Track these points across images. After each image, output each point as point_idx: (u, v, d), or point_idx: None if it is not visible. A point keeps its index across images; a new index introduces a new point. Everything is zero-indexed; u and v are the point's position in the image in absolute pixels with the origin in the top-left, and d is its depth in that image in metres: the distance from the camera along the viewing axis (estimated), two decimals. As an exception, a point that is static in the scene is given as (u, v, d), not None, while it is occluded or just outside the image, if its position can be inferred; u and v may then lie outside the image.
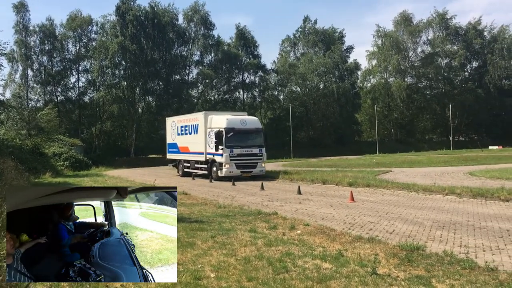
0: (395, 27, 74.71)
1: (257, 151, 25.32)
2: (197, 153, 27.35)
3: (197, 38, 64.76)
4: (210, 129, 25.81)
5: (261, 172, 25.38)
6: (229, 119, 25.34)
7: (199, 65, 66.16)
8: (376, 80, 75.68)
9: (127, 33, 55.80)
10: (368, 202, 14.36)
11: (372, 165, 32.56)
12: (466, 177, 21.88)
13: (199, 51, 66.00)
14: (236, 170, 24.53)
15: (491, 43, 75.57)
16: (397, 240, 8.62)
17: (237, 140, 24.68)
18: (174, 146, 31.45)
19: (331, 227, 10.04)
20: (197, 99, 66.74)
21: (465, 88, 76.01)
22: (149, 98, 63.09)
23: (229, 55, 65.26)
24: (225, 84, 67.87)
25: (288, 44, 77.23)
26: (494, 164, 29.86)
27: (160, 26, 58.66)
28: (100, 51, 56.12)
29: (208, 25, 64.60)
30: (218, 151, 24.65)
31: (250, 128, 25.53)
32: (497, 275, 6.16)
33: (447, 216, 11.28)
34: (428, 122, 78.14)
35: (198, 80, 66.56)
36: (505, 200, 13.68)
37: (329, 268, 6.71)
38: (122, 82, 59.62)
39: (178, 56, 63.23)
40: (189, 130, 28.91)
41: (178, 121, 31.38)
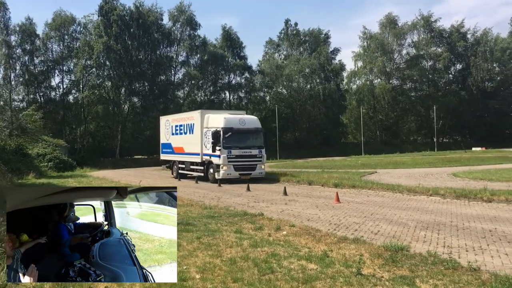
0: (381, 29, 75.41)
1: (256, 152, 23.97)
2: (193, 154, 26.06)
3: (183, 38, 64.61)
4: (206, 129, 24.50)
5: (261, 175, 24.11)
6: (227, 118, 23.94)
7: (185, 66, 65.98)
8: (361, 81, 76.21)
9: (111, 33, 55.41)
10: (354, 203, 14.45)
11: (357, 166, 32.75)
12: (449, 178, 22.14)
13: (185, 52, 65.84)
14: (234, 172, 23.26)
15: (475, 45, 76.64)
16: (381, 240, 8.68)
17: (236, 141, 23.38)
18: (168, 147, 30.23)
19: (316, 228, 10.08)
20: (183, 100, 66.50)
21: (449, 90, 76.96)
22: (135, 98, 62.70)
23: (215, 56, 65.19)
24: (211, 85, 67.77)
25: (271, 46, 77.44)
26: (477, 165, 30.26)
27: (145, 26, 58.37)
28: (84, 50, 55.62)
29: (194, 26, 64.51)
30: (215, 152, 23.33)
31: (249, 128, 24.16)
32: (480, 275, 6.24)
33: (431, 217, 11.39)
34: (413, 123, 78.89)
35: (184, 81, 66.40)
36: (488, 201, 13.87)
37: (314, 268, 6.73)
38: (106, 82, 59.17)
39: (164, 56, 62.95)
40: (184, 130, 27.61)
41: (172, 120, 30.04)
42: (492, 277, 6.09)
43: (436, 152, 58.32)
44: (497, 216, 11.34)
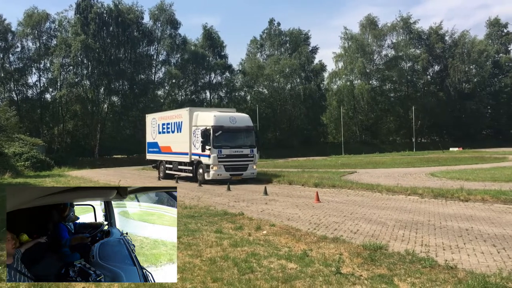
0: (361, 30, 76.02)
1: (248, 151, 22.97)
2: (181, 154, 24.95)
3: (164, 37, 64.19)
4: (195, 127, 23.38)
5: (253, 175, 23.16)
6: (217, 116, 22.83)
7: (166, 65, 65.56)
8: (342, 82, 76.77)
9: (89, 31, 54.68)
10: (333, 203, 14.53)
11: (337, 166, 32.99)
12: (427, 177, 22.44)
13: (165, 51, 65.40)
14: (225, 173, 22.20)
15: (452, 47, 77.91)
16: (361, 239, 8.76)
17: (226, 140, 22.38)
18: (154, 146, 28.97)
19: (296, 228, 10.11)
20: (163, 99, 66.07)
21: (427, 91, 78.05)
22: (114, 97, 62.05)
23: (196, 55, 64.97)
24: (192, 84, 67.50)
25: (255, 45, 77.47)
26: (454, 165, 30.73)
27: (125, 25, 57.78)
28: (61, 48, 54.76)
29: (175, 25, 64.18)
30: (205, 151, 22.25)
31: (240, 126, 23.09)
32: (456, 273, 6.34)
33: (409, 216, 11.53)
34: (392, 124, 79.76)
35: (165, 80, 65.98)
36: (465, 200, 14.09)
37: (294, 268, 6.76)
38: (85, 81, 58.37)
39: (144, 55, 62.44)
40: (172, 128, 26.41)
41: (159, 118, 28.76)
42: (468, 275, 6.19)
43: (414, 152, 59.10)
44: (473, 215, 11.54)
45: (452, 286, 5.85)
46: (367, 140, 74.38)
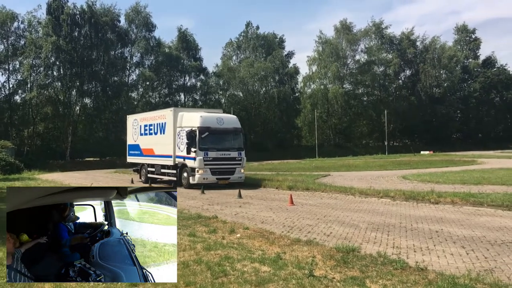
0: (335, 34, 76.80)
1: (235, 154, 21.96)
2: (164, 156, 23.80)
3: (138, 39, 63.55)
4: (180, 129, 22.36)
5: (240, 179, 22.03)
6: (203, 116, 21.88)
7: (140, 67, 64.90)
8: (316, 86, 77.36)
9: (61, 32, 53.69)
10: (307, 205, 14.62)
11: (311, 169, 33.20)
12: (399, 180, 22.77)
13: (139, 53, 64.74)
14: (211, 177, 21.19)
15: (423, 52, 79.46)
16: (334, 242, 8.82)
17: (213, 142, 21.43)
18: (135, 148, 27.65)
19: (270, 230, 10.13)
20: (137, 102, 65.40)
21: (399, 95, 79.36)
22: (86, 99, 60.98)
23: (170, 57, 64.56)
24: (166, 86, 67.04)
25: (231, 48, 77.45)
26: (425, 168, 31.25)
27: (99, 26, 56.93)
28: (30, 49, 53.55)
29: (150, 27, 63.61)
30: (190, 154, 21.16)
31: (227, 128, 22.10)
32: (427, 275, 6.45)
33: (381, 218, 11.68)
34: (365, 127, 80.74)
35: (139, 82, 65.29)
36: (435, 202, 14.36)
37: (268, 271, 6.76)
38: (56, 82, 57.22)
39: (118, 57, 61.67)
40: (155, 130, 25.25)
41: (141, 119, 27.48)
42: (438, 277, 6.31)
43: (387, 155, 59.93)
44: (443, 217, 11.76)
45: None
46: (340, 143, 75.10)
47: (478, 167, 30.67)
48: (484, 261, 7.36)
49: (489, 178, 21.08)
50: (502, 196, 14.29)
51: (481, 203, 13.50)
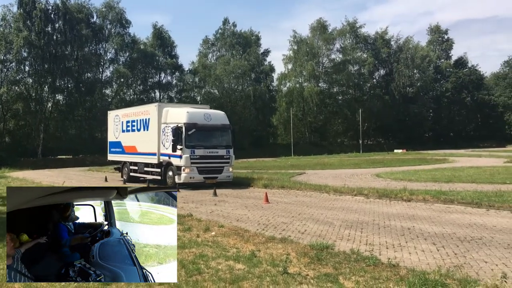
0: (311, 33, 77.21)
1: (223, 152, 21.10)
2: (148, 154, 22.68)
3: (112, 35, 62.69)
4: (165, 125, 21.34)
5: (228, 179, 21.18)
6: (190, 112, 20.85)
7: (114, 64, 64.05)
8: (291, 84, 77.70)
9: (33, 28, 52.58)
10: (282, 203, 14.68)
11: (287, 167, 33.36)
12: (373, 178, 23.08)
13: (113, 49, 63.89)
14: (198, 176, 20.18)
15: (397, 52, 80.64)
16: (308, 239, 8.89)
17: (200, 139, 20.41)
18: (117, 145, 26.46)
19: (245, 228, 10.15)
20: (111, 99, 64.56)
21: (374, 94, 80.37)
22: (59, 96, 59.90)
23: (145, 54, 63.91)
24: (141, 83, 66.37)
25: (207, 45, 77.09)
26: (398, 166, 31.75)
27: (72, 22, 55.95)
28: (1, 44, 52.23)
29: (124, 23, 62.82)
30: (176, 152, 20.13)
31: (215, 124, 21.22)
32: (398, 271, 6.56)
33: (355, 216, 11.82)
34: (340, 126, 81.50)
35: (113, 79, 64.46)
36: (407, 200, 14.60)
37: (242, 268, 6.77)
38: (27, 78, 56.05)
39: (92, 53, 60.72)
40: (138, 126, 24.11)
41: (123, 115, 26.26)
42: (409, 273, 6.42)
43: (361, 153, 60.66)
44: (415, 214, 11.97)
45: (394, 284, 6.04)
46: (316, 141, 75.63)
47: (449, 165, 31.29)
48: (454, 257, 7.52)
49: (460, 176, 21.56)
50: (472, 193, 14.64)
51: (452, 200, 13.79)
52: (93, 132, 60.36)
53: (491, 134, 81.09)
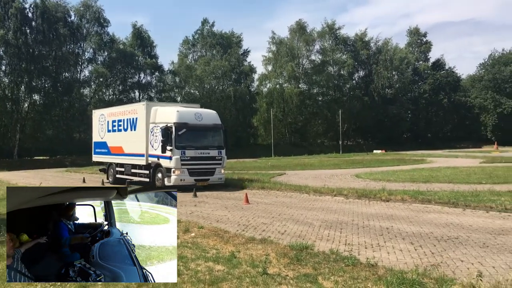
0: (291, 35, 77.43)
1: (215, 153, 20.28)
2: (135, 155, 21.78)
3: (90, 35, 61.89)
4: (154, 125, 20.54)
5: (220, 181, 20.48)
6: (180, 111, 20.02)
7: (93, 63, 63.23)
8: (271, 85, 77.82)
9: (10, 26, 51.63)
10: (262, 204, 14.70)
11: (267, 168, 33.40)
12: (352, 179, 23.25)
13: (92, 49, 63.08)
14: (189, 178, 19.39)
15: (376, 54, 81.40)
16: (288, 240, 8.92)
17: (191, 139, 19.67)
18: (102, 146, 25.53)
19: (225, 229, 10.12)
20: (89, 99, 63.75)
21: (353, 95, 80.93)
22: (35, 96, 58.88)
23: (124, 54, 63.20)
24: (120, 83, 65.66)
25: (187, 46, 76.71)
26: (377, 167, 32.04)
27: (50, 21, 55.10)
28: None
29: (102, 22, 62.07)
30: (166, 152, 19.33)
31: (207, 124, 20.39)
32: (377, 271, 6.62)
33: (335, 216, 11.90)
34: (320, 127, 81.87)
35: (91, 79, 63.61)
36: (386, 200, 14.77)
37: (222, 270, 6.76)
38: (4, 78, 55.00)
39: (70, 52, 59.83)
40: (124, 126, 23.19)
41: (108, 115, 25.29)
42: (388, 272, 6.49)
43: (341, 154, 61.03)
44: (394, 214, 12.12)
45: (372, 283, 6.10)
46: (296, 142, 75.84)
47: (427, 165, 31.72)
48: (431, 256, 7.63)
49: (437, 177, 21.88)
50: (449, 193, 14.89)
51: (429, 200, 13.99)
52: (71, 132, 59.47)
53: (467, 135, 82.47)
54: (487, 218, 11.21)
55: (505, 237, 9.04)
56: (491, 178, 20.05)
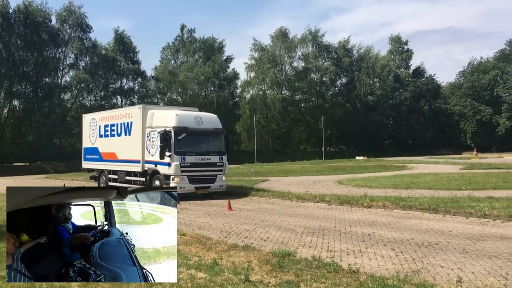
0: (273, 41, 77.77)
1: (216, 159, 19.22)
2: (130, 162, 20.66)
3: (72, 40, 61.29)
4: (151, 129, 19.39)
5: (222, 188, 19.36)
6: (179, 115, 19.00)
7: (74, 68, 62.58)
8: (254, 91, 78.00)
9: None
10: (245, 211, 14.67)
11: (250, 174, 33.36)
12: (335, 185, 23.33)
13: (73, 54, 62.44)
14: (189, 185, 18.23)
15: (358, 61, 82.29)
16: (270, 247, 8.91)
17: (191, 145, 18.65)
18: (93, 152, 24.28)
19: (207, 236, 10.08)
20: (71, 104, 63.07)
21: (336, 102, 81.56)
22: (15, 101, 58.04)
23: (106, 59, 62.72)
24: (102, 89, 65.11)
25: (168, 51, 76.52)
26: (359, 173, 32.22)
27: (33, 26, 54.47)
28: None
29: (85, 28, 61.52)
30: (164, 159, 18.16)
31: (207, 129, 19.39)
32: (358, 277, 6.65)
33: (317, 223, 11.94)
34: (303, 133, 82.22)
35: (72, 84, 62.94)
36: (368, 206, 14.86)
37: (204, 277, 6.72)
38: (-17, 83, 54.17)
39: (50, 57, 59.14)
40: (118, 131, 22.00)
41: (100, 119, 24.04)
42: (369, 278, 6.52)
43: (323, 160, 61.28)
44: (375, 220, 12.20)
45: (354, 290, 6.12)
46: (279, 148, 76.01)
47: (408, 172, 32.01)
48: (412, 262, 7.70)
49: (418, 183, 22.09)
50: (429, 200, 15.05)
51: (410, 206, 14.11)
52: (51, 138, 58.71)
53: (447, 142, 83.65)
54: (467, 224, 11.36)
55: (484, 242, 9.16)
56: (470, 184, 20.31)
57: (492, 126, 79.56)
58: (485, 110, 79.88)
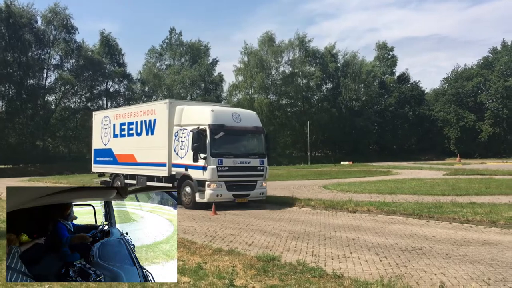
0: (260, 46, 77.87)
1: (257, 162, 16.91)
2: (153, 165, 18.09)
3: (57, 41, 60.73)
4: (180, 128, 16.95)
5: (262, 196, 17.12)
6: (215, 111, 16.60)
7: (59, 70, 61.99)
8: (241, 95, 77.95)
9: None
10: (230, 215, 14.63)
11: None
12: (320, 190, 23.40)
13: (58, 55, 61.93)
14: (227, 193, 15.96)
15: (344, 67, 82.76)
16: (255, 251, 8.89)
17: (229, 145, 16.38)
18: (106, 154, 21.66)
19: (192, 240, 10.03)
20: (55, 106, 62.44)
21: (321, 107, 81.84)
22: (-2, 102, 57.35)
23: (91, 61, 62.27)
24: (88, 91, 64.64)
25: (154, 54, 76.25)
26: (344, 178, 32.36)
27: (16, 27, 53.84)
28: None
29: (70, 29, 61.04)
30: (199, 162, 15.72)
31: (246, 127, 17.04)
32: (343, 282, 6.66)
33: (302, 227, 11.95)
34: (289, 138, 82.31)
35: (57, 86, 62.32)
36: (352, 211, 14.93)
37: (187, 282, 6.68)
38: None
39: (34, 59, 58.50)
40: (138, 129, 19.34)
41: (115, 117, 21.31)
42: (353, 283, 6.54)
43: (309, 165, 61.44)
44: (360, 225, 12.26)
45: (338, 294, 6.13)
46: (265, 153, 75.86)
47: (393, 177, 32.20)
48: (395, 267, 7.74)
49: (402, 188, 22.25)
50: (413, 205, 15.17)
51: (394, 211, 14.22)
52: (34, 140, 58.01)
53: (431, 148, 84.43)
54: (450, 229, 11.47)
55: (467, 248, 9.26)
56: (453, 190, 20.51)
57: (475, 133, 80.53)
58: (468, 116, 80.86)
